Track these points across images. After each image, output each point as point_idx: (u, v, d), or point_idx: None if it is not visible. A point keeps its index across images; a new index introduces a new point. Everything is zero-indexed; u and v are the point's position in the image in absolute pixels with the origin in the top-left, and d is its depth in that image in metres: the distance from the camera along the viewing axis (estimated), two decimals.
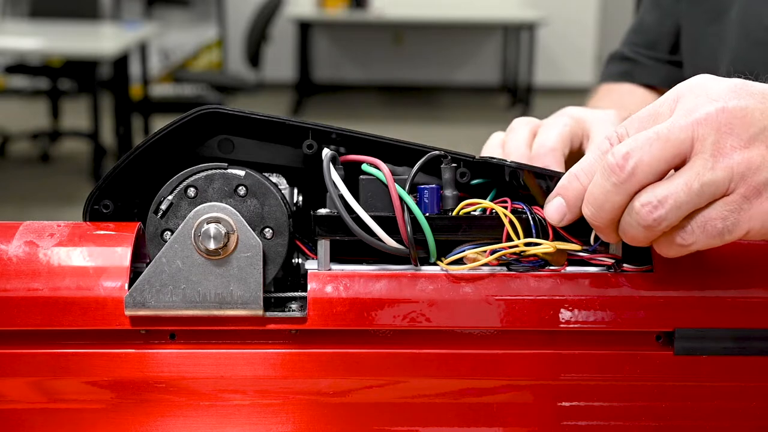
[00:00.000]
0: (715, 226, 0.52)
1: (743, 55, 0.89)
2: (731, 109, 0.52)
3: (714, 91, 0.53)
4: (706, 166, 0.52)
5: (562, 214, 0.56)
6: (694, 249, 0.53)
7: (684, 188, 0.52)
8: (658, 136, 0.52)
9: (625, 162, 0.52)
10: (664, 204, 0.52)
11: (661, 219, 0.52)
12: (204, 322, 0.57)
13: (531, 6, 7.09)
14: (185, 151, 0.61)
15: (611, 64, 1.09)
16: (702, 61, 0.96)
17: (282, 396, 0.58)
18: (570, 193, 0.56)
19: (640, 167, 0.52)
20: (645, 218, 0.52)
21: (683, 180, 0.52)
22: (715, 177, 0.52)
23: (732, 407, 0.59)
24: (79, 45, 4.75)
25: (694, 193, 0.52)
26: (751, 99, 0.53)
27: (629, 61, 1.06)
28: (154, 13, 7.17)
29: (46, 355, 0.57)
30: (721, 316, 0.58)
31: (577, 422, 0.59)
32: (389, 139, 0.61)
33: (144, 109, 5.54)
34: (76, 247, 0.58)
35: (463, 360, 0.58)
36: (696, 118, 0.52)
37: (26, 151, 5.49)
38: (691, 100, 0.53)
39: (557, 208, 0.56)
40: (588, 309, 0.58)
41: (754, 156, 0.52)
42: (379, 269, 0.59)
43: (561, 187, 0.56)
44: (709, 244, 0.53)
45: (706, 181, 0.51)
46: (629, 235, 0.54)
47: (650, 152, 0.52)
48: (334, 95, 7.43)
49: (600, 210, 0.54)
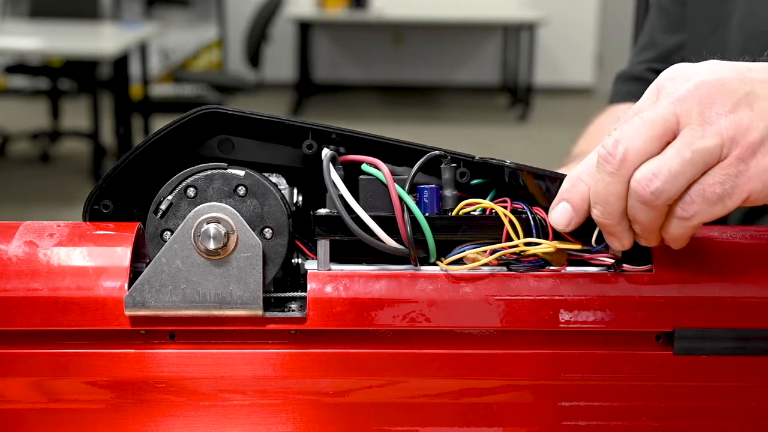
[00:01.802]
0: (714, 192, 0.52)
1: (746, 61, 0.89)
2: (708, 81, 0.54)
3: (690, 71, 0.55)
4: (695, 135, 0.52)
5: (569, 219, 0.56)
6: (697, 222, 0.53)
7: (677, 158, 0.52)
8: (643, 120, 0.53)
9: (615, 149, 0.53)
10: (658, 175, 0.52)
11: (658, 191, 0.52)
12: (204, 322, 0.57)
13: (531, 6, 7.09)
14: (185, 151, 0.61)
15: (621, 83, 1.07)
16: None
17: (282, 396, 0.58)
18: (575, 196, 0.56)
19: (631, 151, 0.53)
20: (643, 193, 0.53)
21: (675, 150, 0.53)
22: (706, 143, 0.52)
23: (732, 407, 0.59)
24: (79, 45, 4.75)
25: (687, 162, 0.52)
26: (727, 72, 0.54)
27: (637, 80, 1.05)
28: (154, 13, 7.16)
29: (46, 355, 0.57)
30: (721, 316, 0.58)
31: (577, 422, 0.59)
32: (389, 139, 0.61)
33: (144, 109, 5.54)
34: (76, 247, 0.58)
35: (463, 360, 0.58)
36: (677, 97, 0.53)
37: (26, 151, 5.49)
38: (670, 84, 0.55)
39: (563, 213, 0.56)
40: (588, 309, 0.58)
41: (741, 118, 0.53)
42: (379, 269, 0.59)
43: (564, 192, 0.56)
44: (712, 212, 0.53)
45: (697, 149, 0.52)
46: (638, 222, 0.54)
47: (638, 136, 0.53)
48: (334, 95, 7.42)
49: (606, 205, 0.54)
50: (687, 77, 0.54)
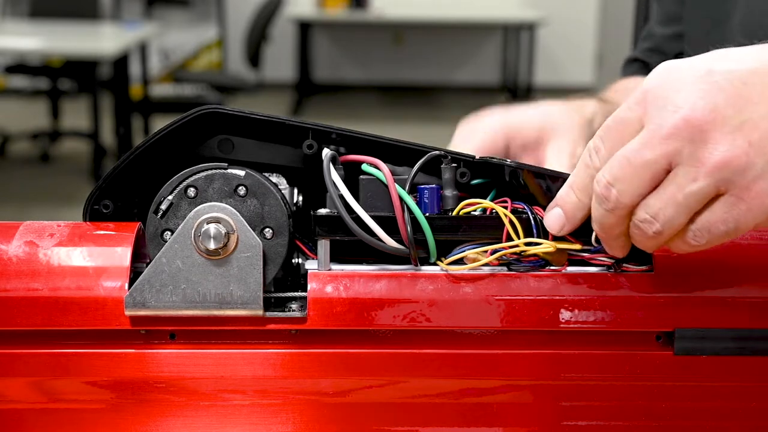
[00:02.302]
0: (719, 229, 0.52)
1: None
2: (699, 115, 0.50)
3: (680, 96, 0.51)
4: (687, 177, 0.51)
5: (561, 225, 0.57)
6: (710, 246, 0.53)
7: (670, 202, 0.52)
8: (630, 161, 0.52)
9: (609, 192, 0.53)
10: (657, 219, 0.52)
11: (659, 232, 0.52)
12: (204, 322, 0.57)
13: (531, 6, 7.09)
14: (185, 151, 0.61)
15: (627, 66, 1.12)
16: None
17: (282, 396, 0.58)
18: (568, 206, 0.56)
19: (623, 195, 0.52)
20: (646, 233, 0.53)
21: (668, 194, 0.52)
22: (699, 186, 0.51)
23: (732, 407, 0.59)
24: (79, 45, 4.75)
25: (682, 206, 0.51)
26: (721, 94, 0.50)
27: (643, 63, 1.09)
28: (154, 13, 7.16)
29: (46, 355, 0.57)
30: (721, 316, 0.58)
31: (577, 422, 0.59)
32: (389, 139, 0.61)
33: (144, 109, 5.53)
34: (76, 247, 0.58)
35: (463, 360, 0.58)
36: (664, 134, 0.51)
37: (26, 151, 5.49)
38: (657, 111, 0.51)
39: (556, 219, 0.57)
40: (588, 309, 0.58)
41: (737, 156, 0.50)
42: (379, 269, 0.59)
43: (559, 199, 0.57)
44: (722, 241, 0.53)
45: (689, 192, 0.51)
46: (641, 245, 0.54)
47: (629, 180, 0.52)
48: (334, 95, 7.42)
49: (604, 230, 0.55)
50: (675, 107, 0.51)
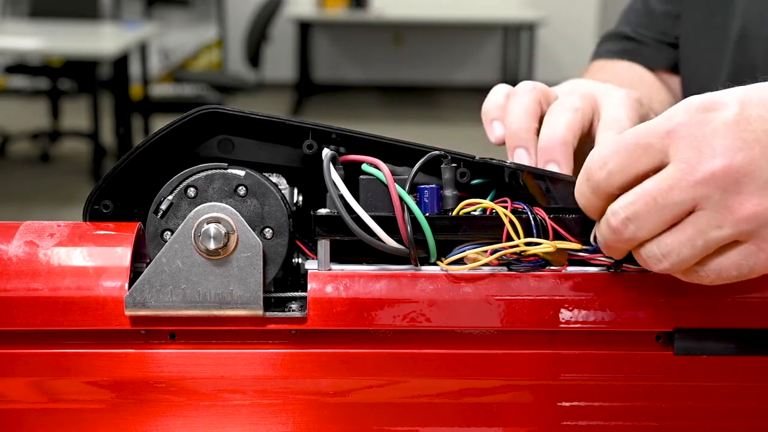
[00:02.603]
0: (730, 273, 0.52)
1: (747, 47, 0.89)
2: (738, 166, 0.49)
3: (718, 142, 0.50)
4: (711, 224, 0.50)
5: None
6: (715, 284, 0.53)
7: (687, 244, 0.51)
8: (656, 201, 0.51)
9: (625, 227, 0.52)
10: (667, 257, 0.52)
11: (666, 270, 0.52)
12: (204, 322, 0.57)
13: (531, 6, 7.09)
14: (185, 151, 0.61)
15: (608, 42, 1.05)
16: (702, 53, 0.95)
17: (282, 396, 0.58)
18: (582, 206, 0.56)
19: (640, 232, 0.52)
20: (653, 266, 0.53)
21: (686, 237, 0.51)
22: (722, 234, 0.50)
23: (732, 407, 0.59)
24: (79, 45, 4.75)
25: (698, 249, 0.51)
26: (757, 146, 0.49)
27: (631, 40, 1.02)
28: (154, 13, 7.17)
29: (46, 355, 0.57)
30: (721, 316, 0.58)
31: (577, 422, 0.59)
32: (389, 139, 0.61)
33: (144, 109, 5.54)
34: (76, 247, 0.58)
35: (463, 360, 0.58)
36: (699, 179, 0.50)
37: (26, 151, 5.49)
38: (691, 152, 0.50)
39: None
40: (588, 309, 0.58)
41: (764, 208, 0.49)
42: (379, 269, 0.59)
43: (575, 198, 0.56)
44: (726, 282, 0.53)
45: (710, 239, 0.50)
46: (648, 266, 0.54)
47: (648, 218, 0.51)
48: (334, 95, 7.42)
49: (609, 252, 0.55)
50: (713, 152, 0.49)
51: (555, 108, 0.69)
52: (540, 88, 0.71)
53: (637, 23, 1.03)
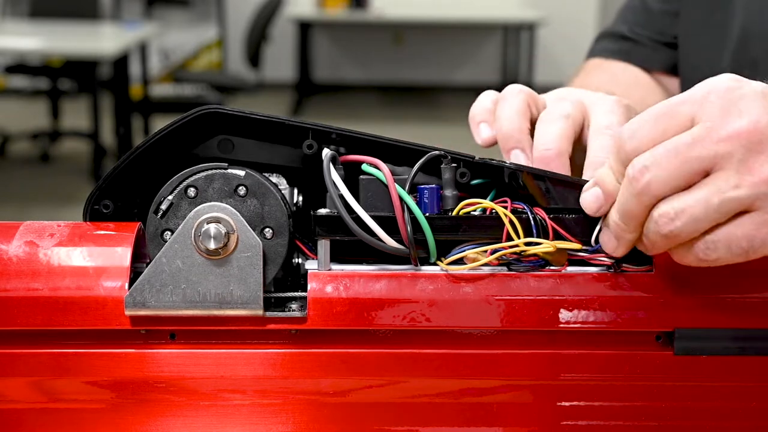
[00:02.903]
0: (740, 245, 0.51)
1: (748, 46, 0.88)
2: (763, 127, 0.49)
3: (746, 105, 0.50)
4: (730, 183, 0.50)
5: (599, 205, 0.56)
6: (717, 264, 0.53)
7: (703, 203, 0.50)
8: (677, 151, 0.51)
9: (641, 175, 0.52)
10: (680, 216, 0.51)
11: (676, 231, 0.52)
12: (204, 322, 0.57)
13: (531, 6, 7.09)
14: (185, 151, 0.61)
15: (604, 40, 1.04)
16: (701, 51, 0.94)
17: (282, 396, 0.58)
18: (606, 184, 0.55)
19: (655, 182, 0.51)
20: (662, 228, 0.52)
21: (703, 195, 0.50)
22: (739, 194, 0.50)
23: (732, 407, 0.59)
24: (79, 45, 4.75)
25: (712, 209, 0.50)
26: None
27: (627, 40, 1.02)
28: (154, 13, 7.17)
29: (46, 355, 0.57)
30: (721, 316, 0.58)
31: (577, 422, 0.59)
32: (389, 139, 0.61)
33: (144, 109, 5.54)
34: (76, 247, 0.58)
35: (463, 360, 0.58)
36: (723, 136, 0.50)
37: (26, 151, 5.49)
38: (718, 113, 0.51)
39: (595, 198, 0.56)
40: (588, 309, 0.58)
41: None
42: (379, 269, 0.59)
43: (598, 176, 0.56)
44: (734, 260, 0.52)
45: (727, 198, 0.50)
46: (649, 241, 0.54)
47: (667, 168, 0.51)
48: (334, 95, 7.42)
49: (624, 217, 0.54)
50: (740, 112, 0.50)
51: (547, 116, 0.69)
52: (527, 91, 0.70)
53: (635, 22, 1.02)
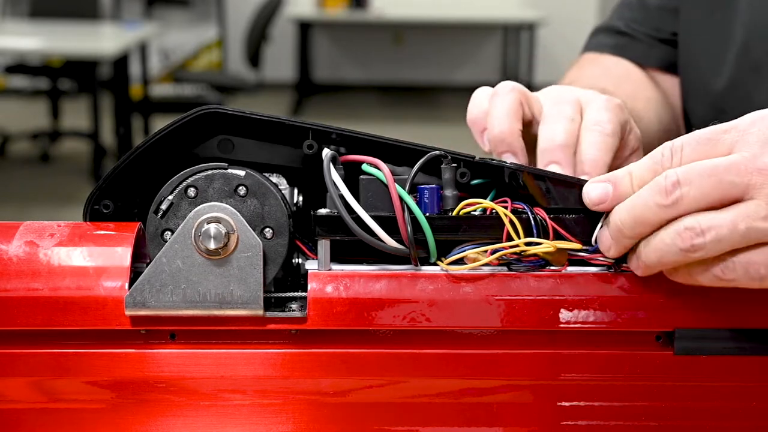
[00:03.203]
0: (758, 271, 0.52)
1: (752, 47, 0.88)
2: None
3: None
4: (759, 213, 0.51)
5: (603, 197, 0.56)
6: (730, 285, 0.53)
7: (729, 225, 0.51)
8: (712, 173, 0.52)
9: (674, 189, 0.52)
10: (706, 233, 0.52)
11: (698, 247, 0.52)
12: (204, 322, 0.57)
13: (531, 6, 7.09)
14: (185, 151, 0.61)
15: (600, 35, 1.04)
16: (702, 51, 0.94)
17: (282, 396, 0.58)
18: (620, 187, 0.55)
19: (686, 199, 0.52)
20: (685, 241, 0.52)
21: (731, 217, 0.51)
22: (766, 226, 0.51)
23: (732, 407, 0.59)
24: (79, 45, 4.75)
25: (738, 233, 0.51)
26: None
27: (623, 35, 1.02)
28: (154, 13, 7.17)
29: (46, 355, 0.57)
30: (721, 316, 0.58)
31: (577, 422, 0.59)
32: (389, 139, 0.61)
33: (144, 109, 5.54)
34: (76, 247, 0.58)
35: (463, 360, 0.58)
36: (758, 167, 0.51)
37: (26, 151, 5.49)
38: (757, 145, 0.52)
39: (603, 191, 0.56)
40: (588, 309, 0.58)
41: None
42: (379, 269, 0.59)
43: (614, 176, 0.56)
44: (747, 285, 0.53)
45: (753, 227, 0.51)
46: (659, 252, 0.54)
47: (700, 187, 0.52)
48: (334, 95, 7.42)
49: (634, 221, 0.54)
50: None
51: (550, 116, 0.69)
52: (520, 88, 0.70)
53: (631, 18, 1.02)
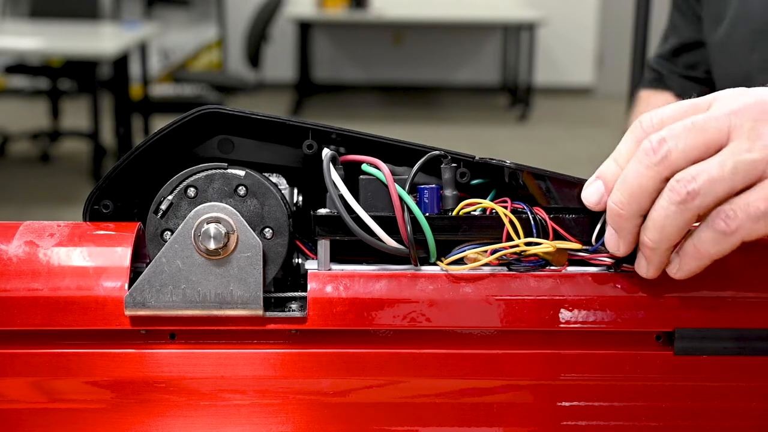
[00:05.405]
0: (758, 207, 0.52)
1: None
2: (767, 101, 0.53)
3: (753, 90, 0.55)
4: (742, 147, 0.52)
5: (600, 196, 0.56)
6: (738, 238, 0.53)
7: (717, 165, 0.52)
8: (694, 125, 0.53)
9: (660, 146, 0.53)
10: (697, 178, 0.52)
11: (694, 192, 0.52)
12: (204, 322, 0.57)
13: (531, 6, 7.09)
14: (185, 151, 0.61)
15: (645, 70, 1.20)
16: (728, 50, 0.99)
17: (282, 396, 0.58)
18: (608, 176, 0.56)
19: (674, 152, 0.53)
20: (679, 191, 0.52)
21: (718, 159, 0.53)
22: (751, 157, 0.52)
23: (732, 407, 0.59)
24: (79, 45, 4.75)
25: (727, 171, 0.52)
26: None
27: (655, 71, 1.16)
28: (154, 13, 7.16)
29: (46, 355, 0.57)
30: (721, 316, 0.58)
31: (577, 422, 0.59)
32: (389, 139, 0.61)
33: (144, 109, 5.53)
34: (76, 247, 0.58)
35: (463, 360, 0.58)
36: (732, 109, 0.53)
37: (26, 151, 5.49)
38: (729, 95, 0.55)
39: (596, 190, 0.57)
40: (588, 309, 0.58)
41: None
42: (379, 269, 0.59)
43: (600, 172, 0.57)
44: (753, 229, 0.53)
45: (740, 160, 0.52)
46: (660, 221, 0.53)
47: (685, 139, 0.53)
48: (334, 95, 7.42)
49: (630, 196, 0.54)
50: (748, 93, 0.54)
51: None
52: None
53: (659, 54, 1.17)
